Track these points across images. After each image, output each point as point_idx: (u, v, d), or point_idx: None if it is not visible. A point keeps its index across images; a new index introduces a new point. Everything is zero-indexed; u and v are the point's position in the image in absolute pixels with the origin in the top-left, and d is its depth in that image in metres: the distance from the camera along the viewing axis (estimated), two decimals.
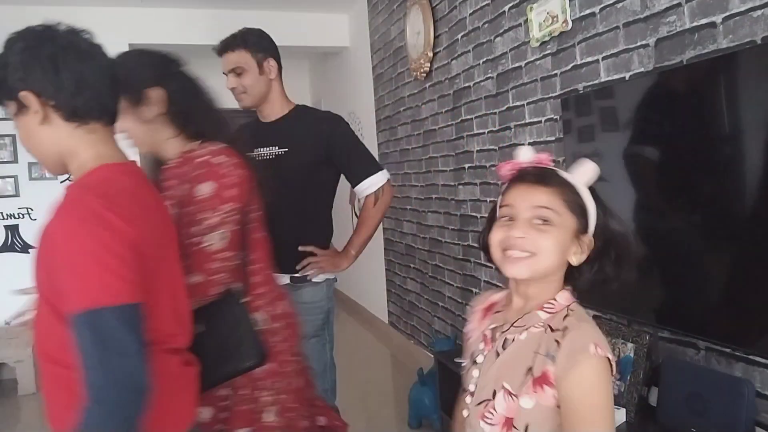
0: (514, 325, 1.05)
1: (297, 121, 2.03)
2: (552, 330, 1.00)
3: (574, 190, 1.04)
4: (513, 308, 1.09)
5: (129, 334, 0.96)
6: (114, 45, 4.21)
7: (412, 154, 3.63)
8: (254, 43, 1.98)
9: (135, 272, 1.00)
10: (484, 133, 2.70)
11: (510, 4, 2.40)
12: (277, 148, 1.97)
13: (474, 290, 2.91)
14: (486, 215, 1.14)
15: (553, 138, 2.17)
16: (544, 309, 1.03)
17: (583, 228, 1.03)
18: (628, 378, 1.63)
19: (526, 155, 1.07)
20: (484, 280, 2.80)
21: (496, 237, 1.04)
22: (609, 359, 0.95)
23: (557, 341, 0.97)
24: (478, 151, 2.77)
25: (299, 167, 1.96)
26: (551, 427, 0.97)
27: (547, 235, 1.00)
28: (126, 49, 1.58)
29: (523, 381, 0.99)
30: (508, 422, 0.99)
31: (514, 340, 1.04)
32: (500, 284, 2.62)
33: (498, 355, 1.05)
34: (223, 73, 2.00)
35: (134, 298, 0.99)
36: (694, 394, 1.45)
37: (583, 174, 1.06)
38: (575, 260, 1.03)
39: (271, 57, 2.00)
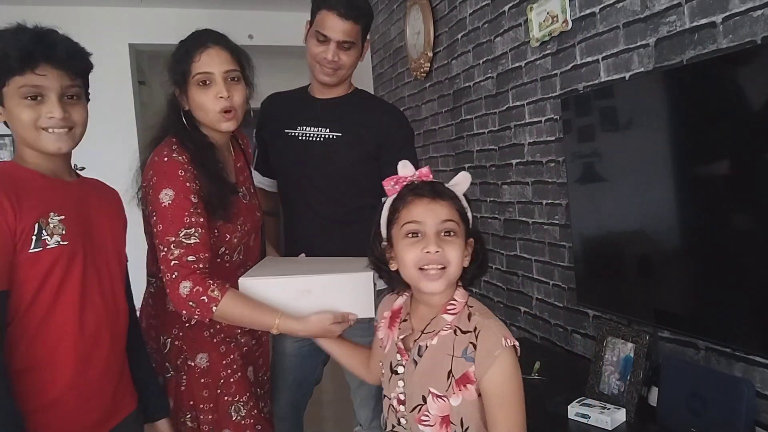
0: (424, 332, 1.12)
1: (355, 105, 1.80)
2: (462, 332, 1.07)
3: (459, 199, 1.13)
4: (419, 316, 1.16)
5: None
6: (114, 45, 4.25)
7: None
8: (368, 21, 1.75)
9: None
10: (484, 133, 2.70)
11: (510, 4, 2.40)
12: (328, 130, 1.75)
13: (473, 290, 2.91)
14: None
15: (553, 138, 2.17)
16: (448, 311, 1.11)
17: (468, 233, 1.13)
18: (628, 378, 1.62)
19: (409, 169, 1.15)
20: (484, 280, 2.80)
21: (410, 256, 1.09)
22: (515, 347, 1.05)
23: (472, 343, 1.05)
24: (478, 151, 2.77)
25: (353, 157, 1.74)
26: (481, 414, 1.06)
27: (454, 246, 1.09)
28: (126, 49, 1.59)
29: (447, 383, 1.06)
30: (445, 419, 1.08)
31: (427, 346, 1.10)
32: (500, 284, 2.63)
33: (416, 363, 1.11)
34: (321, 32, 1.68)
35: None
36: (694, 394, 1.45)
37: (461, 184, 1.16)
38: (465, 262, 1.12)
39: (367, 38, 1.77)
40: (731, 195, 1.39)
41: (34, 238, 1.13)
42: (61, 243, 1.17)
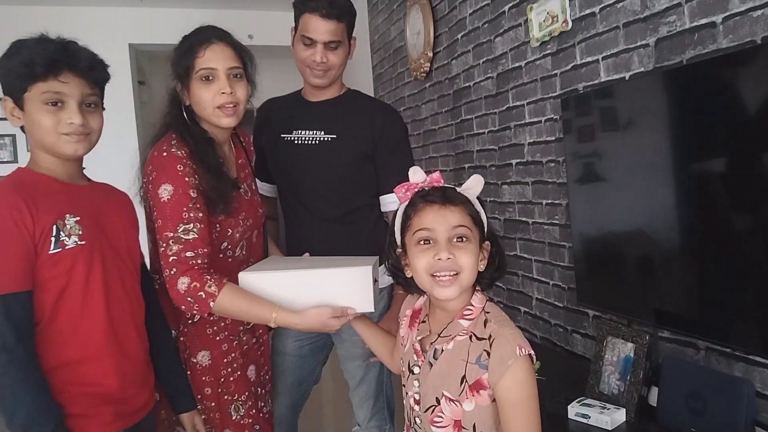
0: (441, 335, 1.12)
1: (348, 106, 1.80)
2: (477, 338, 1.07)
3: (471, 204, 1.12)
4: (436, 318, 1.16)
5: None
6: (114, 45, 4.25)
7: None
8: (351, 19, 1.74)
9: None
10: (484, 133, 2.70)
11: (510, 4, 2.40)
12: (322, 133, 1.75)
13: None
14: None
15: (553, 138, 2.17)
16: (464, 316, 1.11)
17: (483, 236, 1.13)
18: (628, 378, 1.63)
19: (420, 176, 1.15)
20: None
21: (422, 263, 1.10)
22: (531, 355, 1.05)
23: (486, 351, 1.05)
24: (478, 151, 2.77)
25: (349, 158, 1.74)
26: (494, 420, 1.06)
27: (466, 251, 1.08)
28: (126, 49, 1.60)
29: (460, 389, 1.06)
30: (458, 424, 1.08)
31: (443, 350, 1.11)
32: (499, 284, 2.63)
33: (431, 365, 1.12)
34: (307, 36, 1.70)
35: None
36: (694, 394, 1.45)
37: (474, 187, 1.14)
38: (482, 266, 1.12)
39: (353, 36, 1.76)
40: (731, 195, 1.39)
41: (53, 239, 1.18)
42: (79, 243, 1.22)
